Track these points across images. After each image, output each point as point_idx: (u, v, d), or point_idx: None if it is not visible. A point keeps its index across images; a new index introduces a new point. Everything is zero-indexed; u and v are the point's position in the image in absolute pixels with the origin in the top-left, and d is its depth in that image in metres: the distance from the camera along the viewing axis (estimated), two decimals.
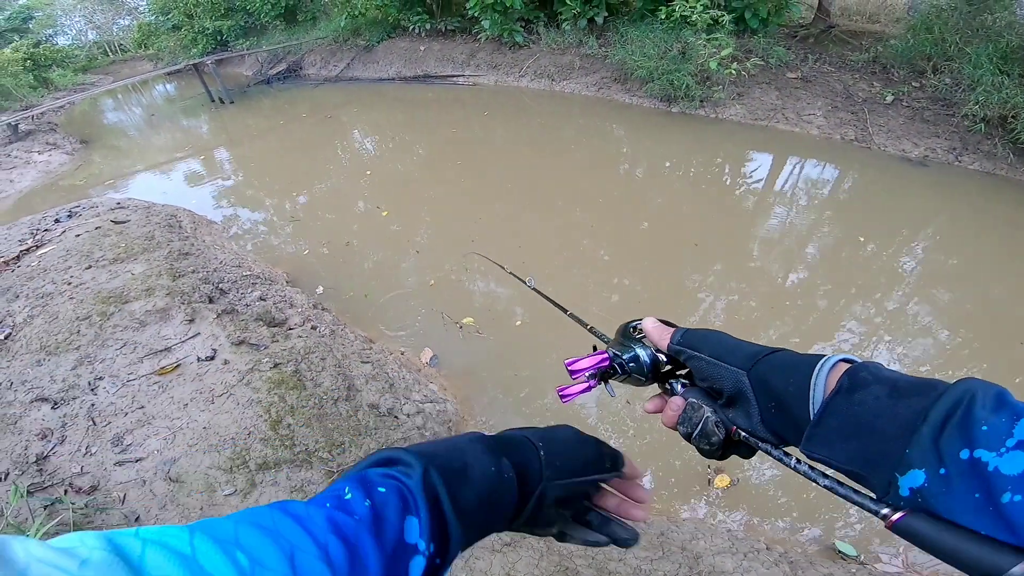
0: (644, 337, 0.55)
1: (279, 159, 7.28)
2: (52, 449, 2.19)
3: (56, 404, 2.39)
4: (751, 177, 5.18)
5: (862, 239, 3.95)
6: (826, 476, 0.41)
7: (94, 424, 2.28)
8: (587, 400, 2.68)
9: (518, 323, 3.31)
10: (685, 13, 6.46)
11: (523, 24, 9.24)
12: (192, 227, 4.58)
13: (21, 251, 4.00)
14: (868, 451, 0.36)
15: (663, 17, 6.87)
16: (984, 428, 0.31)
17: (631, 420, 2.57)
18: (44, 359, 2.65)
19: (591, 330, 0.69)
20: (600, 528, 0.50)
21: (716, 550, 1.93)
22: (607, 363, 0.55)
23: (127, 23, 23.72)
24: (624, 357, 0.54)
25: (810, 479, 0.41)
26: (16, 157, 8.02)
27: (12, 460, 2.13)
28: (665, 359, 0.53)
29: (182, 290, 3.06)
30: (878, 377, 0.37)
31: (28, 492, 1.93)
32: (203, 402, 2.33)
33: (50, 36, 21.97)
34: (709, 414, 0.47)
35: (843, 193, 4.84)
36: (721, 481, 2.24)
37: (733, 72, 6.03)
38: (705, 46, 6.16)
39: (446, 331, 3.25)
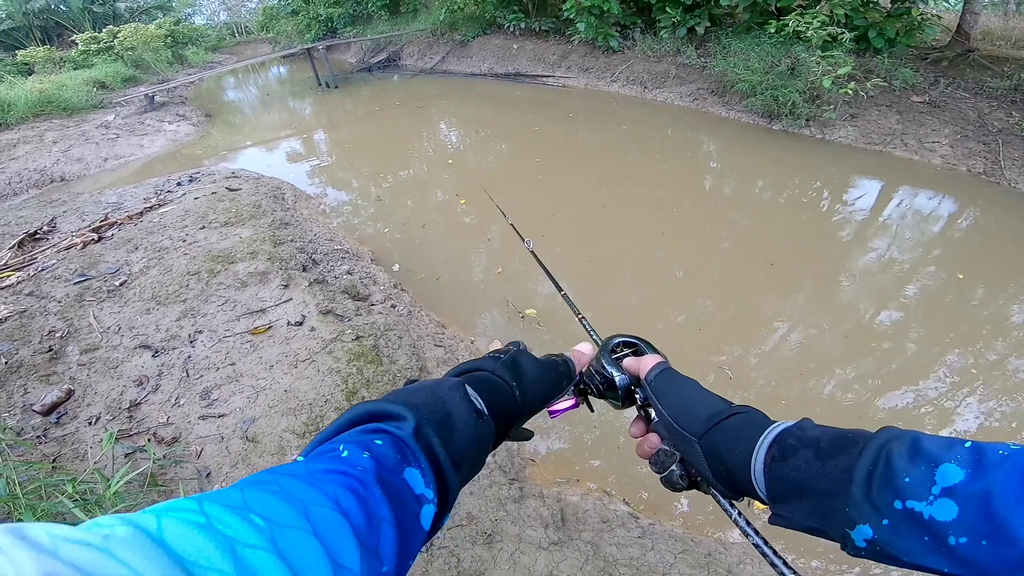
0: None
1: (371, 144, 7.67)
2: (145, 397, 2.35)
3: (157, 352, 2.60)
4: (853, 205, 4.79)
5: (961, 276, 3.57)
6: (758, 534, 0.46)
7: (187, 376, 2.46)
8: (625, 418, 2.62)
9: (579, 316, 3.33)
10: (799, 28, 6.08)
11: (619, 29, 9.11)
12: (293, 200, 4.94)
13: (145, 208, 4.47)
14: (818, 508, 0.38)
15: (772, 31, 6.51)
16: (907, 480, 0.33)
17: None
18: (153, 308, 2.92)
19: (581, 320, 0.71)
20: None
21: None
22: (576, 406, 0.59)
23: (254, 6, 25.87)
24: (598, 380, 0.56)
25: (745, 534, 0.46)
26: (149, 125, 8.99)
27: (106, 404, 2.29)
28: (639, 392, 0.55)
29: (281, 256, 3.30)
30: (803, 440, 0.41)
31: (115, 439, 1.99)
32: (287, 365, 2.50)
33: (189, 15, 24.35)
34: (676, 466, 0.50)
35: (958, 231, 4.37)
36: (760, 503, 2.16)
37: (849, 92, 5.59)
38: (819, 63, 5.77)
39: (509, 321, 3.31)
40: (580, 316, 0.70)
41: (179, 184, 5.13)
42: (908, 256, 3.95)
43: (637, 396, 0.55)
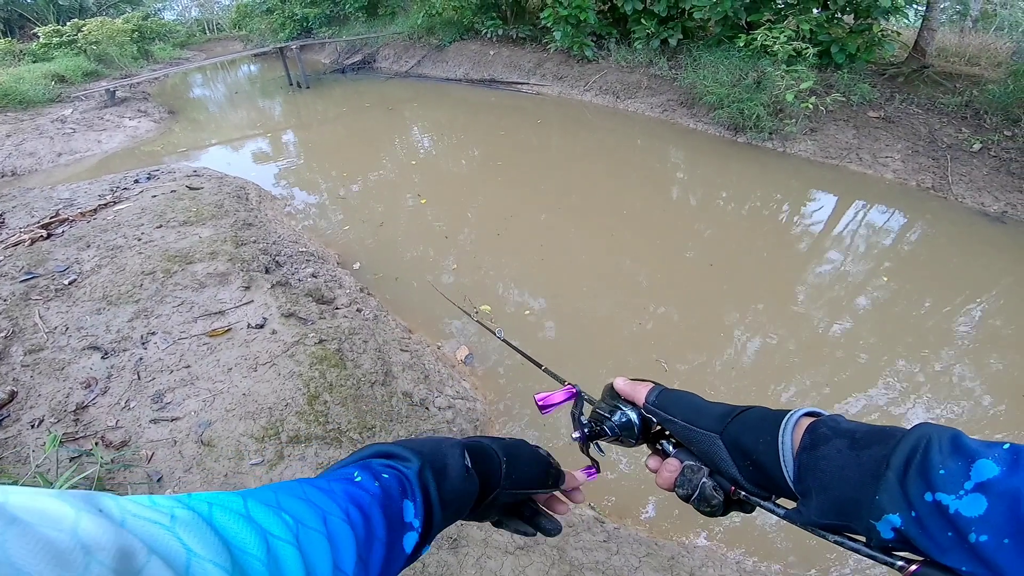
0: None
1: (340, 145, 7.57)
2: (93, 399, 2.24)
3: (106, 354, 2.48)
4: (810, 218, 4.96)
5: (885, 278, 3.74)
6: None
7: (138, 378, 2.35)
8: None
9: (527, 312, 3.46)
10: (767, 43, 6.29)
11: (594, 39, 9.24)
12: (257, 200, 4.81)
13: (99, 205, 4.29)
14: (839, 502, 0.38)
15: (741, 44, 6.72)
16: (941, 472, 0.33)
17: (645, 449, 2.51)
18: (104, 308, 2.79)
19: (572, 387, 0.68)
20: (529, 519, 0.58)
21: None
22: (574, 397, 0.60)
23: (227, 3, 25.25)
24: (613, 419, 0.55)
25: (819, 535, 0.41)
26: (108, 120, 8.65)
27: (51, 406, 2.18)
28: (655, 420, 0.54)
29: (243, 257, 3.20)
30: (837, 430, 0.40)
31: (60, 442, 1.93)
32: (247, 368, 2.42)
33: (159, 10, 23.55)
34: (706, 478, 0.48)
35: (907, 244, 4.57)
36: None
37: (810, 106, 5.81)
38: (783, 77, 5.97)
39: (466, 318, 3.32)
40: (566, 384, 0.70)
41: (137, 181, 4.94)
42: (858, 268, 4.10)
43: (652, 424, 0.55)
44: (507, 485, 0.52)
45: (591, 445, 0.59)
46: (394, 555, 0.40)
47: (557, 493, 0.61)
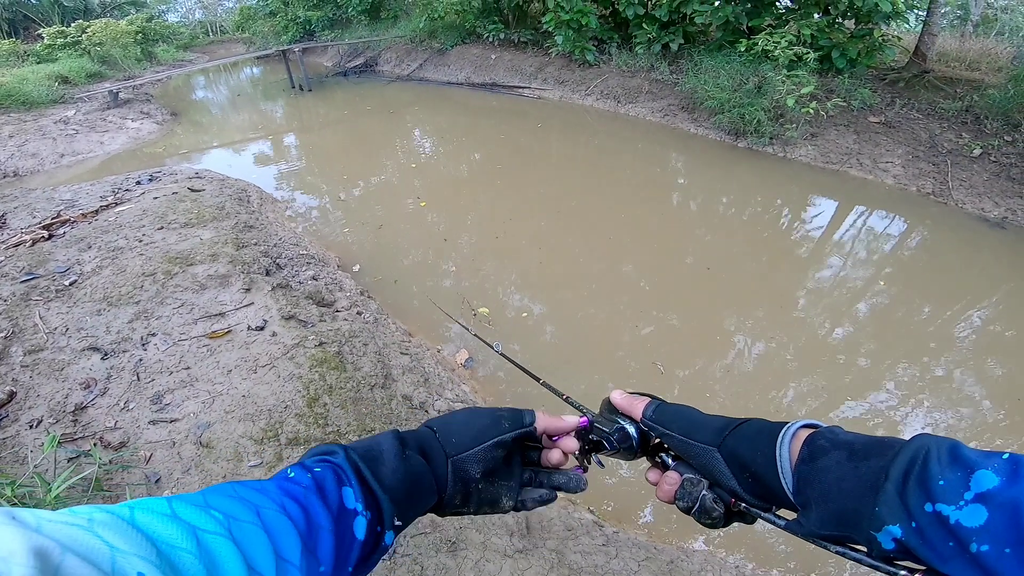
0: None
1: (341, 148, 7.59)
2: (92, 400, 2.25)
3: (106, 355, 2.49)
4: (811, 223, 4.96)
5: (883, 283, 3.73)
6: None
7: (138, 379, 2.36)
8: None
9: (524, 316, 3.48)
10: (768, 48, 6.29)
11: (596, 43, 9.27)
12: (259, 203, 4.82)
13: (100, 206, 4.30)
14: (838, 514, 0.38)
15: (742, 49, 6.73)
16: (941, 483, 0.33)
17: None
18: (104, 309, 2.79)
19: (567, 399, 0.68)
20: (546, 484, 0.56)
21: None
22: (586, 425, 0.58)
23: (231, 5, 25.38)
24: (611, 432, 0.55)
25: (820, 546, 0.42)
26: (111, 122, 8.68)
27: (50, 407, 2.19)
28: (653, 432, 0.54)
29: (243, 260, 3.21)
30: (835, 442, 0.41)
31: (59, 443, 1.94)
32: (246, 370, 2.42)
33: (163, 12, 23.68)
34: (706, 491, 0.48)
35: (907, 250, 4.56)
36: None
37: (811, 111, 5.81)
38: (784, 82, 5.98)
39: (465, 320, 3.35)
40: (565, 396, 0.69)
41: (138, 183, 4.96)
42: (858, 274, 4.09)
43: (651, 437, 0.55)
44: (453, 451, 0.51)
45: (590, 457, 0.58)
46: (345, 543, 0.40)
47: (544, 440, 0.57)
